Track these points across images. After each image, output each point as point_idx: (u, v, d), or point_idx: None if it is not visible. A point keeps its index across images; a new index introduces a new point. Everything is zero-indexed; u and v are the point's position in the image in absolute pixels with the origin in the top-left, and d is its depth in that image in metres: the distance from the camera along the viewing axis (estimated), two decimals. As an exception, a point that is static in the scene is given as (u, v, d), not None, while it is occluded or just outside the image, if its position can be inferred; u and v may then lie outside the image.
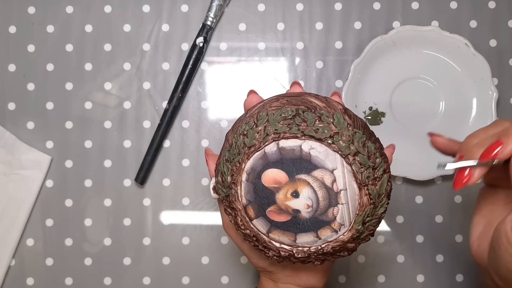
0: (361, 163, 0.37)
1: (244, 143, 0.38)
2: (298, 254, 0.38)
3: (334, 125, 0.37)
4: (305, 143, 0.37)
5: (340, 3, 0.60)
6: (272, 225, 0.38)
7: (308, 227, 0.38)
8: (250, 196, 0.38)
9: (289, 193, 0.37)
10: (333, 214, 0.37)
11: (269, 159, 0.37)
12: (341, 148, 0.36)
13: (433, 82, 0.58)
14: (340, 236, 0.38)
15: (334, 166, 0.37)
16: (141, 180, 0.58)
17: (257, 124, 0.38)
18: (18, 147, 0.59)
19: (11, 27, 0.60)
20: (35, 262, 0.59)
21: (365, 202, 0.37)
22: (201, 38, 0.58)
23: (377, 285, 0.59)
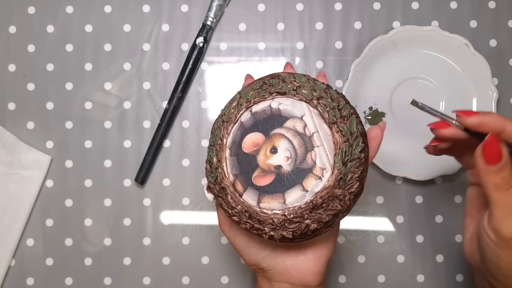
0: (326, 104, 0.40)
1: (222, 120, 0.41)
2: (290, 214, 0.39)
3: (296, 82, 0.41)
4: (273, 102, 0.40)
5: (340, 3, 0.60)
6: (261, 192, 0.39)
7: (293, 181, 0.39)
8: (236, 169, 0.40)
9: (268, 150, 0.40)
10: (312, 159, 0.39)
11: (245, 126, 0.40)
12: (304, 95, 0.40)
13: (433, 82, 0.58)
14: (325, 183, 0.38)
15: (302, 113, 0.40)
16: (141, 180, 0.58)
17: (231, 102, 0.42)
18: (18, 147, 0.59)
19: (11, 27, 0.60)
20: (35, 262, 0.59)
21: (338, 140, 0.39)
22: (201, 38, 0.58)
23: (377, 285, 0.59)
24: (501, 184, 0.36)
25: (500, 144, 0.36)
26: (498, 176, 0.36)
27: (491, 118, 0.38)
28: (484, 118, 0.38)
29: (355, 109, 0.40)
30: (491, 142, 0.36)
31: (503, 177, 0.36)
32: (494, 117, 0.38)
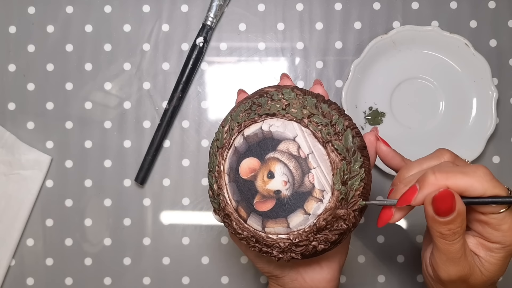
0: (317, 122, 0.38)
1: (217, 146, 0.40)
2: (296, 239, 0.38)
3: (284, 99, 0.39)
4: (263, 124, 0.39)
5: (340, 3, 0.60)
6: (264, 218, 0.39)
7: (294, 205, 0.38)
8: (237, 195, 0.39)
9: (265, 176, 0.39)
10: (310, 182, 0.38)
11: (240, 151, 0.39)
12: (294, 114, 0.38)
13: (433, 82, 0.58)
14: (327, 204, 0.38)
15: (294, 134, 0.38)
16: (141, 180, 0.58)
17: (223, 125, 0.41)
18: (18, 147, 0.59)
19: (11, 27, 0.60)
20: (35, 262, 0.59)
21: (335, 159, 0.37)
22: (201, 38, 0.58)
23: (377, 285, 0.59)
24: (448, 235, 0.35)
25: (454, 199, 0.34)
26: (445, 227, 0.34)
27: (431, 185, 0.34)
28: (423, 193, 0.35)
29: (351, 119, 0.39)
30: (443, 196, 0.34)
31: (450, 228, 0.34)
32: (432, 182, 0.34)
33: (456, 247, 0.35)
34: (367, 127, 0.58)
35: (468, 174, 0.34)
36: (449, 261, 0.36)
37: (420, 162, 0.39)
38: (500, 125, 0.59)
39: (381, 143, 0.41)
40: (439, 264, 0.36)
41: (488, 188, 0.34)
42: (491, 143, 0.58)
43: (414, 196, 0.35)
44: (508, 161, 0.59)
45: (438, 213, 0.34)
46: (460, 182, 0.34)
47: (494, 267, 0.36)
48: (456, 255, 0.35)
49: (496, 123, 0.57)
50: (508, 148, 0.59)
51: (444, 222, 0.34)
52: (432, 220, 0.35)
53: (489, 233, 0.36)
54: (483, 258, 0.36)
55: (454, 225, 0.34)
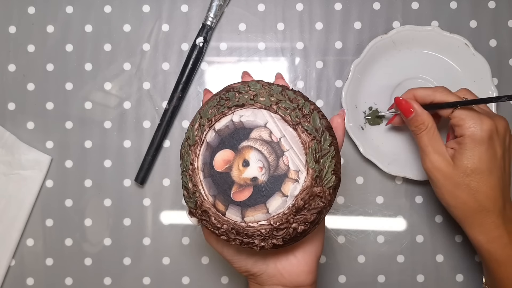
0: (285, 107, 0.40)
1: (188, 144, 0.41)
2: (276, 222, 0.39)
3: (251, 90, 0.41)
4: (234, 115, 0.40)
5: (340, 3, 0.60)
6: (243, 207, 0.40)
7: (271, 189, 0.39)
8: (213, 190, 0.40)
9: (240, 165, 0.40)
10: (285, 164, 0.39)
11: (212, 146, 0.40)
12: (263, 102, 0.40)
13: (433, 82, 0.58)
14: (303, 184, 0.39)
15: (264, 121, 0.40)
16: (141, 180, 0.58)
17: (193, 124, 0.41)
18: (18, 147, 0.59)
19: (11, 27, 0.60)
20: (35, 262, 0.59)
21: (306, 139, 0.39)
22: (201, 38, 0.58)
23: (377, 285, 0.59)
24: (415, 130, 0.50)
25: (410, 102, 0.50)
26: (412, 124, 0.50)
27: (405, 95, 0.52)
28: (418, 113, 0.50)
29: (315, 104, 0.41)
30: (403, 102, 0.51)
31: (416, 125, 0.50)
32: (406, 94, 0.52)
33: (423, 138, 0.50)
34: (367, 127, 0.58)
35: (427, 88, 0.51)
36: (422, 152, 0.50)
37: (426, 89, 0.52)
38: (500, 125, 0.59)
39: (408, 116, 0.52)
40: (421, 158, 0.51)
41: (437, 96, 0.50)
42: (491, 143, 0.58)
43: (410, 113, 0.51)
44: (508, 161, 0.59)
45: (404, 114, 0.51)
46: (420, 92, 0.51)
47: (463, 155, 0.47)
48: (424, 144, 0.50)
49: (496, 123, 0.57)
50: (508, 148, 0.59)
51: (410, 120, 0.51)
52: (406, 122, 0.52)
53: (457, 131, 0.49)
54: (456, 151, 0.48)
55: (417, 122, 0.50)
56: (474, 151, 0.47)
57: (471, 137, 0.47)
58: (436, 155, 0.49)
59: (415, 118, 0.50)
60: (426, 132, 0.49)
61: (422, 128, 0.50)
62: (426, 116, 0.50)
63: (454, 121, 0.49)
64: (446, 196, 0.49)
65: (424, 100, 0.51)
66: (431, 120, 0.50)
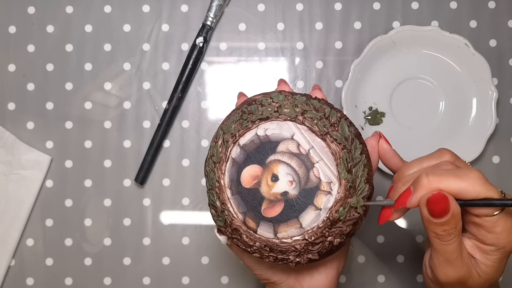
0: (312, 117, 0.38)
1: (213, 162, 0.39)
2: (311, 237, 0.38)
3: (274, 102, 0.39)
4: (258, 129, 0.38)
5: (340, 3, 0.60)
6: (275, 223, 0.38)
7: (303, 203, 0.38)
8: (242, 207, 0.39)
9: (269, 180, 0.38)
10: (316, 176, 0.38)
11: (238, 162, 0.38)
12: (288, 114, 0.38)
13: (433, 82, 0.58)
14: (336, 196, 0.38)
15: (291, 133, 0.38)
16: (141, 180, 0.58)
17: (217, 140, 0.40)
18: (18, 147, 0.59)
19: (11, 27, 0.60)
20: (35, 262, 0.59)
21: (335, 149, 0.38)
22: (201, 38, 0.58)
23: (377, 285, 0.59)
24: (443, 235, 0.35)
25: (448, 201, 0.34)
26: (440, 228, 0.35)
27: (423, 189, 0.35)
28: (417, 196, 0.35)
29: (342, 112, 0.40)
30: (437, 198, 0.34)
31: (445, 229, 0.35)
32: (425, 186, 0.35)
33: (451, 248, 0.35)
34: (367, 127, 0.58)
35: (461, 177, 0.34)
36: (445, 262, 0.36)
37: (420, 161, 0.39)
38: (500, 125, 0.59)
39: (383, 140, 0.41)
40: (437, 266, 0.37)
41: (480, 191, 0.34)
42: (491, 143, 0.58)
43: (409, 198, 0.35)
44: (508, 161, 0.59)
45: (432, 214, 0.34)
46: (453, 185, 0.34)
47: (490, 269, 0.36)
48: (452, 256, 0.36)
49: (496, 123, 0.57)
50: (508, 148, 0.59)
51: (439, 223, 0.35)
52: (427, 222, 0.35)
53: (483, 235, 0.36)
54: (479, 261, 0.37)
55: (448, 226, 0.35)
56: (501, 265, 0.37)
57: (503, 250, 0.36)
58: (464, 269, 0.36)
59: (449, 221, 0.34)
60: (459, 240, 0.36)
61: (454, 234, 0.35)
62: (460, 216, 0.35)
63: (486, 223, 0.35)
64: None
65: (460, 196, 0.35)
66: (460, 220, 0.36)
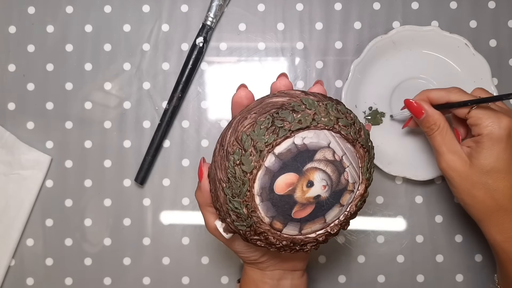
0: (345, 125, 0.40)
1: (243, 171, 0.38)
2: (333, 230, 0.41)
3: (308, 108, 0.39)
4: (296, 138, 0.38)
5: (340, 3, 0.60)
6: (302, 223, 0.40)
7: (331, 203, 0.40)
8: (271, 212, 0.39)
9: (304, 186, 0.39)
10: (345, 179, 0.40)
11: (272, 170, 0.38)
12: (325, 123, 0.39)
13: (433, 82, 0.58)
14: (357, 192, 0.41)
15: (327, 141, 0.39)
16: (141, 180, 0.58)
17: (245, 148, 0.38)
18: (18, 147, 0.59)
19: (11, 27, 0.60)
20: (35, 262, 0.59)
21: (362, 153, 0.40)
22: (201, 38, 0.58)
23: (377, 285, 0.59)
24: (428, 130, 0.50)
25: (420, 104, 0.50)
26: (424, 125, 0.50)
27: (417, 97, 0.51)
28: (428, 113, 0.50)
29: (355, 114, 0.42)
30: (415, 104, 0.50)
31: (427, 125, 0.49)
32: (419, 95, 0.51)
33: (436, 139, 0.49)
34: (367, 127, 0.58)
35: (442, 89, 0.50)
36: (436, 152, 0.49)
37: (440, 90, 0.51)
38: (500, 125, 0.59)
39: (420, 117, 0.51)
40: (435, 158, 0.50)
41: (452, 97, 0.49)
42: (491, 143, 0.58)
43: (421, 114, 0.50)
44: (508, 161, 0.59)
45: (415, 116, 0.50)
46: (435, 93, 0.50)
47: (480, 154, 0.46)
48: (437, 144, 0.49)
49: (496, 123, 0.57)
50: (508, 148, 0.59)
51: (422, 122, 0.50)
52: (419, 123, 0.51)
53: (474, 130, 0.48)
54: (475, 150, 0.47)
55: (429, 123, 0.49)
56: (492, 149, 0.46)
57: (489, 135, 0.46)
58: (450, 155, 0.48)
59: (426, 119, 0.49)
60: (439, 132, 0.49)
61: (434, 129, 0.49)
62: (438, 116, 0.49)
63: (471, 120, 0.48)
64: (463, 195, 0.48)
65: (439, 101, 0.50)
66: (443, 120, 0.49)
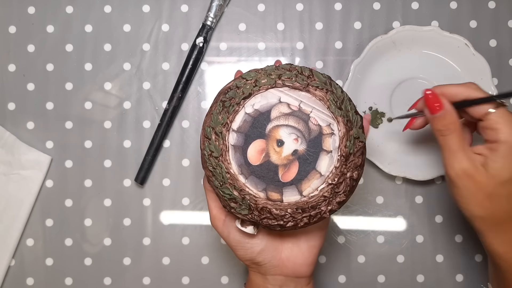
0: (288, 77, 0.40)
1: (215, 157, 0.40)
2: (334, 179, 0.40)
3: (248, 80, 0.41)
4: (246, 108, 0.40)
5: (340, 3, 0.60)
6: (296, 184, 0.39)
7: (314, 153, 0.40)
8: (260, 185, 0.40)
9: (276, 147, 0.40)
10: (315, 124, 0.40)
11: (239, 146, 0.40)
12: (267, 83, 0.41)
13: (433, 82, 0.58)
14: (339, 134, 0.40)
15: (277, 97, 0.40)
16: (141, 180, 0.58)
17: (209, 137, 0.41)
18: (18, 147, 0.59)
19: (11, 27, 0.60)
20: (35, 262, 0.59)
21: (321, 95, 0.40)
22: (201, 38, 0.58)
23: (377, 285, 0.59)
24: (443, 130, 0.44)
25: (439, 97, 0.44)
26: (439, 123, 0.44)
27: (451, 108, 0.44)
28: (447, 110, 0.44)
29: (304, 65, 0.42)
30: (431, 96, 0.44)
31: (443, 124, 0.44)
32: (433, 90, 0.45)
33: (452, 141, 0.43)
34: (367, 127, 0.58)
35: (459, 85, 0.45)
36: (449, 156, 0.43)
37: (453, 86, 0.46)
38: (500, 125, 0.59)
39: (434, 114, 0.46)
40: (445, 162, 0.44)
41: (472, 93, 0.44)
42: (491, 143, 0.59)
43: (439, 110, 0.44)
44: (508, 161, 0.59)
45: (430, 111, 0.44)
46: (451, 89, 0.44)
47: (497, 164, 0.42)
48: (453, 147, 0.43)
49: (496, 123, 0.57)
50: (508, 148, 0.59)
51: (437, 118, 0.44)
52: (431, 120, 0.45)
53: (489, 135, 0.43)
54: (489, 158, 0.43)
55: (446, 121, 0.43)
56: (506, 161, 0.42)
57: (508, 143, 0.42)
58: (468, 162, 0.43)
59: (443, 116, 0.43)
60: (457, 134, 0.43)
61: (451, 129, 0.43)
62: (456, 115, 0.44)
63: (488, 123, 0.43)
64: (472, 207, 0.44)
65: (456, 98, 0.44)
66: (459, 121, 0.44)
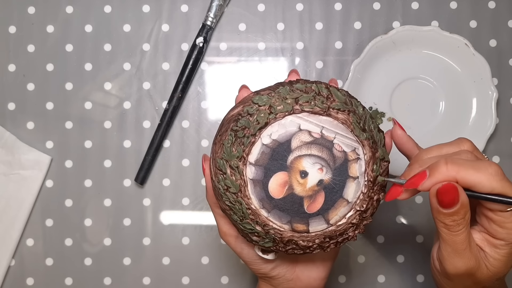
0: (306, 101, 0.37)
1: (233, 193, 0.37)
2: (362, 205, 0.38)
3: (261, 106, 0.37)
4: (263, 139, 0.37)
5: (340, 3, 0.60)
6: (323, 214, 0.37)
7: (341, 181, 0.37)
8: (285, 218, 0.37)
9: (299, 179, 0.37)
10: (339, 151, 0.37)
11: (259, 179, 0.37)
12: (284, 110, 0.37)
13: (433, 82, 0.58)
14: (365, 158, 0.37)
15: (296, 125, 0.37)
16: (141, 180, 0.58)
17: (224, 172, 0.37)
18: (18, 147, 0.59)
19: (11, 27, 0.60)
20: (35, 262, 0.59)
21: (343, 117, 0.37)
22: (201, 38, 0.58)
23: (377, 285, 0.59)
24: (452, 226, 0.35)
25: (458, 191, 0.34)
26: (449, 218, 0.35)
27: (440, 175, 0.34)
28: (431, 181, 0.35)
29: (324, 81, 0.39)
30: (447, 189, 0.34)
31: (454, 219, 0.35)
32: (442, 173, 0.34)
33: (460, 238, 0.35)
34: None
35: (479, 170, 0.34)
36: (454, 253, 0.36)
37: (439, 147, 0.38)
38: (500, 125, 0.59)
39: (397, 126, 0.41)
40: (446, 257, 0.36)
41: (496, 187, 0.34)
42: (491, 143, 0.59)
43: (422, 182, 0.35)
44: (508, 161, 0.59)
45: (442, 205, 0.34)
46: (470, 178, 0.34)
47: (499, 263, 0.36)
48: (460, 246, 0.35)
49: (496, 123, 0.57)
50: (508, 148, 0.59)
51: (448, 214, 0.34)
52: (437, 212, 0.35)
53: (494, 229, 0.36)
54: (488, 254, 0.36)
55: (457, 216, 0.35)
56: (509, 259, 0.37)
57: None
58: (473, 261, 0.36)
59: (458, 211, 0.35)
60: (467, 230, 0.36)
61: (462, 224, 0.35)
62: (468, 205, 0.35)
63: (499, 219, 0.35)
64: None
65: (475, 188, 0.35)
66: None
